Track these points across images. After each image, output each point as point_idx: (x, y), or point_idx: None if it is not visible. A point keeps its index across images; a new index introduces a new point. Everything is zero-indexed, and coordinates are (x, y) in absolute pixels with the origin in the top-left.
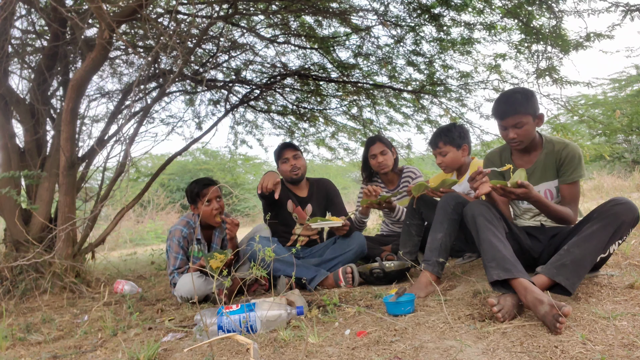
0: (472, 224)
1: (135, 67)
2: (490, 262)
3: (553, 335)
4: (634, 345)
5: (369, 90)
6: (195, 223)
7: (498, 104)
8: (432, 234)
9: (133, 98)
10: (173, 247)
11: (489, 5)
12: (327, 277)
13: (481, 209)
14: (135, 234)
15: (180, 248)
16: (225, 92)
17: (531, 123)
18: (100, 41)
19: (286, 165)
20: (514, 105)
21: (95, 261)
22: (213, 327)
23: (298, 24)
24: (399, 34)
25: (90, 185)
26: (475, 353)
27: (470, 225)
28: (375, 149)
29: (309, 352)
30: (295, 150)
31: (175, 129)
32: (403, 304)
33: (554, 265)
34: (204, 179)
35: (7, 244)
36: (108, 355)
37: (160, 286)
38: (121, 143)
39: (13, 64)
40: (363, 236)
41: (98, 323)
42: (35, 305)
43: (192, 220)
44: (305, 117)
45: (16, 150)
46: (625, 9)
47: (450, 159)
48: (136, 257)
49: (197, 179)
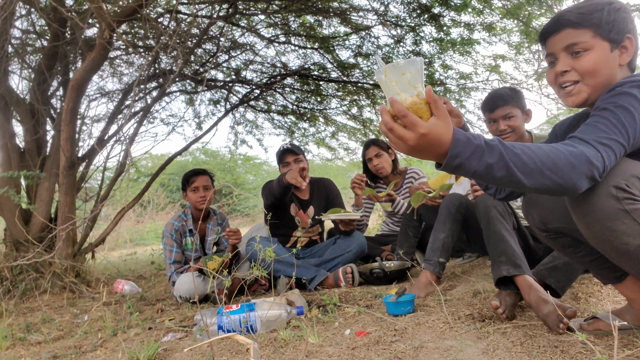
0: (483, 215)
1: (135, 67)
2: (500, 256)
3: (553, 335)
4: (634, 345)
5: (369, 90)
6: (187, 216)
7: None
8: (434, 233)
9: (133, 98)
10: (167, 241)
11: (489, 5)
12: (327, 277)
13: (494, 202)
14: (135, 234)
15: (173, 241)
16: (225, 92)
17: (520, 116)
18: (100, 41)
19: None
20: (503, 97)
21: (95, 261)
22: (213, 327)
23: (298, 23)
24: (399, 34)
25: (90, 185)
26: (475, 353)
27: (482, 216)
28: (370, 152)
29: (309, 352)
30: (296, 154)
31: (175, 129)
32: (403, 304)
33: (546, 267)
34: (197, 169)
35: (7, 243)
36: (108, 355)
37: (160, 286)
38: (121, 143)
39: (13, 64)
40: (363, 236)
41: (98, 323)
42: (35, 305)
43: (184, 213)
44: (305, 117)
45: (16, 150)
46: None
47: None
48: (136, 257)
49: (190, 170)
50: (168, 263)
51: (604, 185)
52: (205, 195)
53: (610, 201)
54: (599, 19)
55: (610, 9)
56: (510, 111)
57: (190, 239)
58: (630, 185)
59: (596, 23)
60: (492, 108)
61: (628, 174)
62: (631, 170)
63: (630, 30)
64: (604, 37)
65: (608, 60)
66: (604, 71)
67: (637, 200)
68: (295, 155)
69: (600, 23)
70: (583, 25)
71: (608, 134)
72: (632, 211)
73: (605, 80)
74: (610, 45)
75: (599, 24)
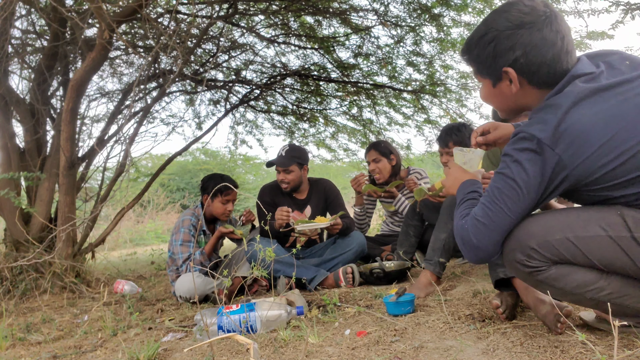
0: None
1: (135, 67)
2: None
3: (553, 335)
4: (634, 345)
5: (369, 91)
6: (200, 215)
7: None
8: (435, 233)
9: (133, 98)
10: (183, 236)
11: (489, 5)
12: (327, 277)
13: None
14: (135, 234)
15: (191, 236)
16: (225, 92)
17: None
18: (100, 41)
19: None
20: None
21: (95, 261)
22: (213, 327)
23: (298, 24)
24: (399, 34)
25: (90, 185)
26: (475, 353)
27: None
28: (369, 156)
29: (309, 352)
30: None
31: (175, 129)
32: (403, 304)
33: None
34: (231, 180)
35: (7, 244)
36: (108, 355)
37: (160, 286)
38: (121, 143)
39: (13, 64)
40: (363, 236)
41: (98, 323)
42: (35, 305)
43: (197, 212)
44: (305, 117)
45: (16, 150)
46: (625, 7)
47: None
48: (136, 257)
49: (223, 176)
50: (184, 256)
51: (512, 262)
52: (231, 209)
53: (524, 274)
54: (475, 55)
55: (481, 44)
56: None
57: (205, 238)
58: (530, 259)
59: (474, 60)
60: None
61: (526, 247)
62: (528, 241)
63: (506, 61)
64: (483, 75)
65: (495, 94)
66: (496, 101)
67: (540, 270)
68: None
69: (477, 60)
70: (470, 61)
71: None
72: (544, 279)
73: (504, 106)
74: (491, 81)
75: (477, 61)
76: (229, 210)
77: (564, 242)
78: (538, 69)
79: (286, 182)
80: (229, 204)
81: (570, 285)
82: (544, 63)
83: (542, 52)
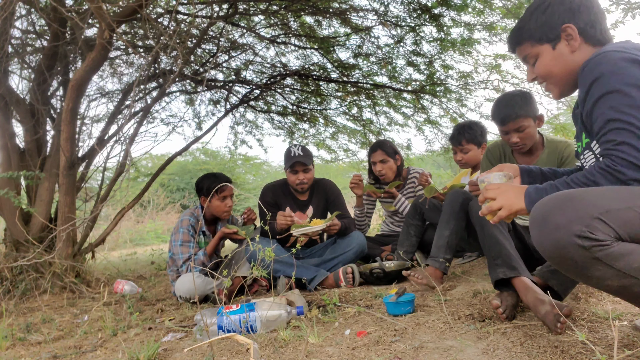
0: (477, 218)
1: (135, 67)
2: (496, 259)
3: (553, 335)
4: (634, 345)
5: (369, 91)
6: (199, 216)
7: (497, 109)
8: (439, 231)
9: (133, 98)
10: (183, 237)
11: (489, 6)
12: (327, 277)
13: None
14: (135, 234)
15: (190, 237)
16: (225, 92)
17: (532, 125)
18: (100, 41)
19: (293, 177)
20: (514, 109)
21: (95, 261)
22: (213, 327)
23: (298, 24)
24: (399, 34)
25: (90, 185)
26: (475, 353)
27: (475, 219)
28: (376, 156)
29: (309, 352)
30: (305, 165)
31: (175, 129)
32: (403, 304)
33: (549, 268)
34: (224, 176)
35: (7, 244)
36: (108, 355)
37: (160, 286)
38: (121, 143)
39: (13, 64)
40: (363, 236)
41: (98, 323)
42: (35, 305)
43: (196, 213)
44: (305, 117)
45: (16, 150)
46: (626, 7)
47: (470, 156)
48: (136, 257)
49: (215, 174)
50: (184, 256)
51: (568, 236)
52: (231, 205)
53: (579, 251)
54: (529, 30)
55: (536, 13)
56: (521, 124)
57: (205, 239)
58: (593, 231)
59: (528, 35)
60: (503, 122)
61: (587, 218)
62: (590, 211)
63: (565, 19)
64: (542, 41)
65: (555, 58)
66: (557, 68)
67: (603, 245)
68: (305, 166)
69: (531, 33)
70: (522, 42)
71: None
72: (602, 257)
73: (564, 72)
74: (551, 44)
75: (531, 34)
76: (229, 206)
77: (629, 212)
78: (593, 25)
79: (305, 181)
80: (228, 200)
81: (633, 265)
82: (597, 20)
83: (593, 10)
